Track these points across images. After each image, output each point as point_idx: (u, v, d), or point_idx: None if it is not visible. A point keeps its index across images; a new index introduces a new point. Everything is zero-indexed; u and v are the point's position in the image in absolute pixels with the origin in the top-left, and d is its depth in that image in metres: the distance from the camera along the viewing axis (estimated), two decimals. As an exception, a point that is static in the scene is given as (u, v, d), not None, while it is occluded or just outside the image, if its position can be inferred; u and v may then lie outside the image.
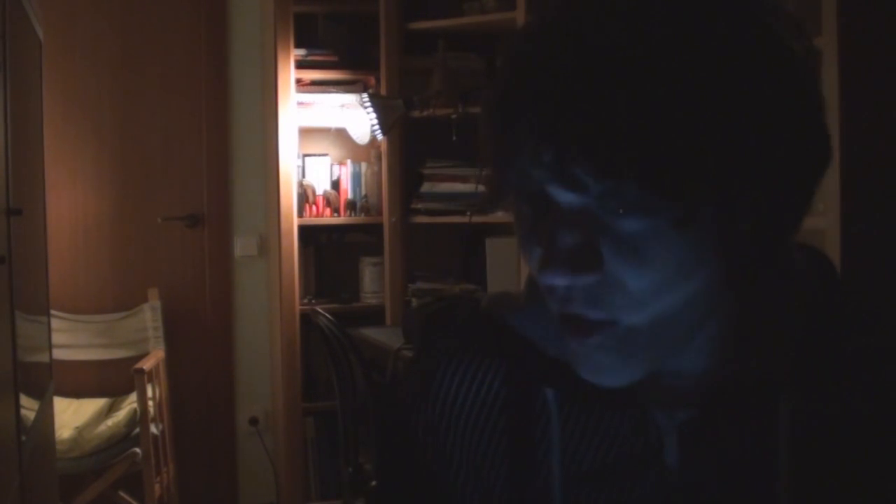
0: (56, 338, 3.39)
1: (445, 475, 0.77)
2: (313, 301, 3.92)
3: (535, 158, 0.60)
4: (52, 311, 3.29)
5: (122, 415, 3.47)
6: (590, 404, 0.71)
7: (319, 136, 4.03)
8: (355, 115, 3.84)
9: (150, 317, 3.82)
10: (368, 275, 3.99)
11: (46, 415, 2.70)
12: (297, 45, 3.84)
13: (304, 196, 3.92)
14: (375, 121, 3.54)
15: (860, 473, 0.66)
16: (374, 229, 3.94)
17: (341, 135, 3.99)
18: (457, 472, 0.76)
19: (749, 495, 0.67)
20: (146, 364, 3.38)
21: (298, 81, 3.86)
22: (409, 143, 3.77)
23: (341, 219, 3.99)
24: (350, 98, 3.89)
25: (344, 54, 3.96)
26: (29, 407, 2.23)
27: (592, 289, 0.62)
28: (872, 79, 1.93)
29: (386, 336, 3.31)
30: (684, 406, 0.68)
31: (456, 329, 0.81)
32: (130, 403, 3.49)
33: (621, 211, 0.60)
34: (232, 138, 4.03)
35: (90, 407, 3.62)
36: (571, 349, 0.65)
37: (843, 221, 1.91)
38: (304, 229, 3.90)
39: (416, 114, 3.59)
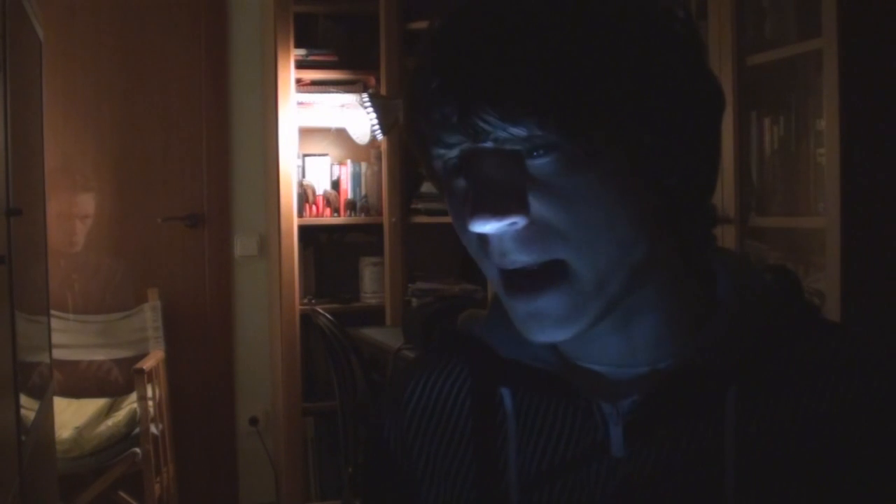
0: (56, 338, 3.39)
1: (417, 481, 0.78)
2: (313, 301, 3.92)
3: (446, 120, 0.65)
4: (52, 311, 3.29)
5: (122, 415, 3.47)
6: (543, 402, 0.74)
7: (319, 136, 4.03)
8: (355, 115, 3.84)
9: (150, 317, 3.82)
10: (368, 275, 3.99)
11: (46, 415, 2.70)
12: (297, 45, 3.84)
13: (304, 196, 3.92)
14: (375, 121, 3.55)
15: (806, 467, 0.66)
16: (374, 229, 3.94)
17: (341, 135, 3.99)
18: (428, 479, 0.78)
19: (696, 485, 0.68)
20: (146, 364, 3.38)
21: (298, 81, 3.86)
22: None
23: (341, 219, 3.99)
24: (350, 98, 3.89)
25: (344, 54, 3.96)
26: (29, 407, 2.23)
27: (523, 233, 0.65)
28: (872, 79, 1.93)
29: (386, 336, 3.31)
30: (630, 396, 0.70)
31: (429, 346, 0.85)
32: (130, 403, 3.49)
33: (535, 154, 0.64)
34: (232, 138, 4.03)
35: (90, 407, 3.62)
36: (515, 310, 0.69)
37: (843, 221, 1.91)
38: (304, 229, 3.90)
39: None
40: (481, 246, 0.69)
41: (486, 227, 0.65)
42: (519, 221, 0.65)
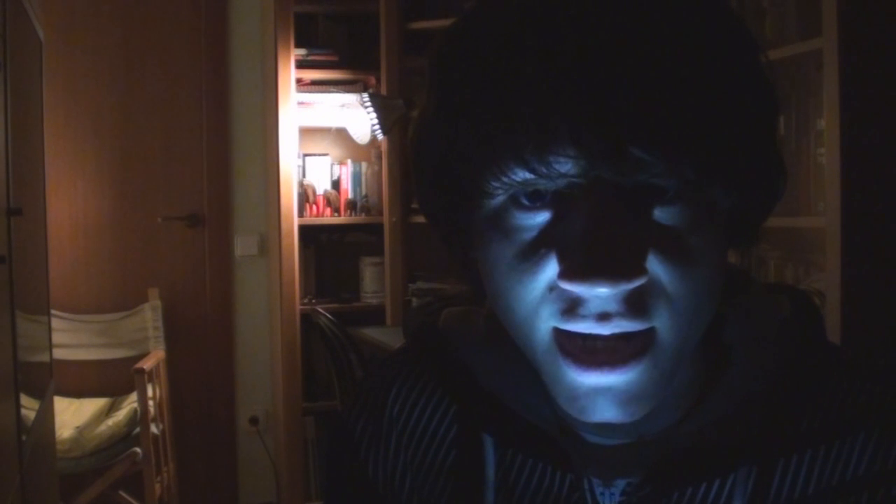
0: (56, 338, 3.39)
1: (387, 497, 0.71)
2: (314, 301, 3.93)
3: (555, 136, 0.50)
4: (52, 311, 3.29)
5: (122, 415, 3.47)
6: (528, 461, 0.65)
7: (319, 135, 4.03)
8: (355, 115, 3.84)
9: (150, 317, 3.82)
10: (369, 275, 3.99)
11: (47, 414, 2.70)
12: (297, 45, 3.84)
13: (305, 196, 3.92)
14: (375, 120, 3.54)
15: None
16: (374, 229, 3.94)
17: (341, 135, 3.99)
18: (403, 498, 0.71)
19: None
20: (146, 364, 3.38)
21: (298, 81, 3.86)
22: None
23: (341, 219, 3.99)
24: (350, 98, 3.89)
25: (344, 54, 3.96)
26: (29, 407, 2.23)
27: (634, 294, 0.53)
28: (872, 79, 1.93)
29: (386, 336, 3.31)
30: (626, 474, 0.62)
31: (408, 351, 0.75)
32: (131, 403, 3.49)
33: (666, 200, 0.53)
34: (232, 138, 4.03)
35: (90, 407, 3.62)
36: (574, 382, 0.55)
37: (843, 221, 1.91)
38: (304, 229, 3.90)
39: (416, 114, 3.58)
40: (555, 301, 0.55)
41: (602, 289, 0.51)
42: (637, 283, 0.52)
